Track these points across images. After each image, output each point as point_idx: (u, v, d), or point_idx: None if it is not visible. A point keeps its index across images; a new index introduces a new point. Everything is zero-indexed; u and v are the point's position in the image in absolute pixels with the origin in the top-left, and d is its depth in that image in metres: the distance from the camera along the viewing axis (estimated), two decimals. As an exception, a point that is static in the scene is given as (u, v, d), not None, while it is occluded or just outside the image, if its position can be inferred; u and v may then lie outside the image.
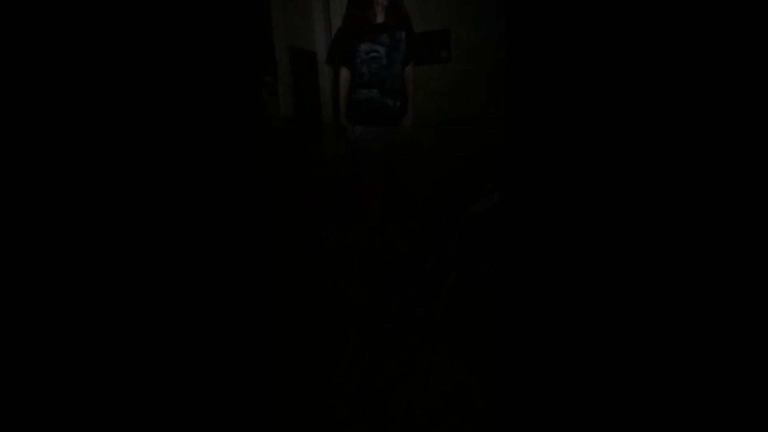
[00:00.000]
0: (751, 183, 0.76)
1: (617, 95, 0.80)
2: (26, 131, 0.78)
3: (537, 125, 0.84)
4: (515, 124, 0.86)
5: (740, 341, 0.76)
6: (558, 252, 0.83)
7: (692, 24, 0.77)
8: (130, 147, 0.81)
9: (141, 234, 0.81)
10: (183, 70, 0.82)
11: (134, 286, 0.81)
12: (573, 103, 0.81)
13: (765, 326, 0.75)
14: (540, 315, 0.83)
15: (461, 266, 2.30)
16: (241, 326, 0.84)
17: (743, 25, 0.75)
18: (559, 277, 0.82)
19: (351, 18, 2.54)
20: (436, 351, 1.72)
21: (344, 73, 2.55)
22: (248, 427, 0.83)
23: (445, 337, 1.81)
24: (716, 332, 0.77)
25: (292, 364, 1.65)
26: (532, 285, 0.84)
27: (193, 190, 0.83)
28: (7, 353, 0.77)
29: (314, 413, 1.42)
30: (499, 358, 1.54)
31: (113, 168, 0.80)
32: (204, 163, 0.83)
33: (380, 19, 2.47)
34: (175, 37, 0.81)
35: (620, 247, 0.80)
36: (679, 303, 0.78)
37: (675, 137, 0.78)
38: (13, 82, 0.77)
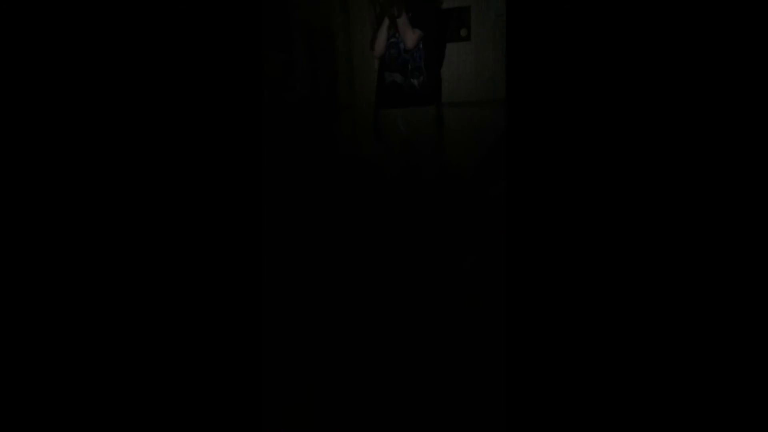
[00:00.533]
0: (751, 183, 0.74)
1: (621, 86, 0.78)
2: (25, 131, 0.78)
3: (538, 119, 0.82)
4: (516, 122, 0.84)
5: (740, 341, 0.75)
6: (559, 248, 0.82)
7: (694, 17, 0.75)
8: (126, 144, 0.80)
9: (139, 231, 0.81)
10: (180, 63, 0.80)
11: (133, 284, 0.81)
12: (574, 98, 0.80)
13: (765, 326, 0.74)
14: (540, 313, 0.83)
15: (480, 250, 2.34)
16: (241, 326, 0.84)
17: (743, 26, 0.73)
18: (560, 274, 0.82)
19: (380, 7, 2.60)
20: (436, 351, 1.73)
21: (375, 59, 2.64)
22: (248, 427, 0.85)
23: (445, 337, 1.82)
24: (717, 330, 0.76)
25: (292, 364, 1.67)
26: (533, 282, 0.83)
27: (191, 187, 0.82)
28: (7, 353, 0.78)
29: (314, 413, 1.44)
30: (499, 358, 1.54)
31: (109, 164, 0.80)
32: (203, 159, 0.82)
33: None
34: (172, 31, 0.80)
35: (621, 245, 0.79)
36: (680, 299, 0.77)
37: (677, 127, 0.77)
38: (12, 82, 0.76)
